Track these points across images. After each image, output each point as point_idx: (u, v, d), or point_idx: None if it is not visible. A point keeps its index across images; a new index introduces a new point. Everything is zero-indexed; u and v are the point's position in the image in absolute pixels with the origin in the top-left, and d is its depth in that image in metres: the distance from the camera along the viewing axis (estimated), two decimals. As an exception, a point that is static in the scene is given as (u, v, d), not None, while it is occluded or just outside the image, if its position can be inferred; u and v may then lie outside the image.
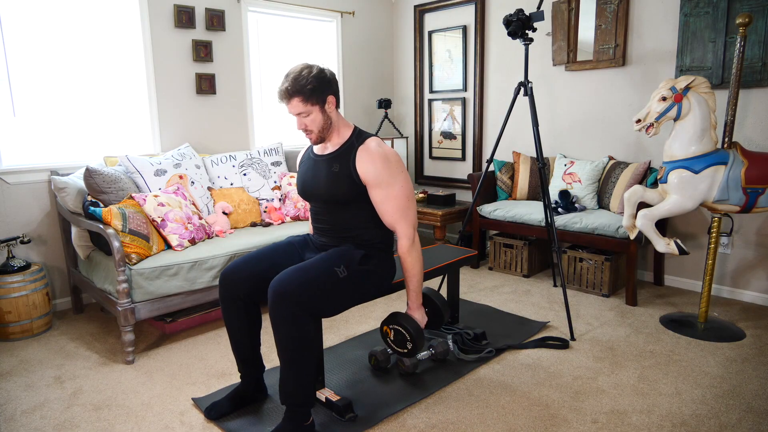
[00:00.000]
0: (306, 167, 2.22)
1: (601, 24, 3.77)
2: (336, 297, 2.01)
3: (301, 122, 2.04)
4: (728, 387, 2.36)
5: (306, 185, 2.19)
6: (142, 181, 3.19)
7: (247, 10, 4.13)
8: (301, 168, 2.26)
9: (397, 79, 5.29)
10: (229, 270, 2.12)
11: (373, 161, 2.02)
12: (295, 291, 1.87)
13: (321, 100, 2.02)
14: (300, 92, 1.97)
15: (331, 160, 2.10)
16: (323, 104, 2.03)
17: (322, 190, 2.11)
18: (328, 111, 2.05)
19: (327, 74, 2.04)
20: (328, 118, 2.06)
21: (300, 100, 1.99)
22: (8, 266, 2.99)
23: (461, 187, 4.88)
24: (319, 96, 2.00)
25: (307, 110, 2.01)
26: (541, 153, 3.07)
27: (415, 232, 2.12)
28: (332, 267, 2.00)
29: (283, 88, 1.99)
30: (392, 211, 2.06)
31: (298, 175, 2.27)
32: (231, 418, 2.17)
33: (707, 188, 2.76)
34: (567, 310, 2.92)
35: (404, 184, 2.07)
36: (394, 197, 2.05)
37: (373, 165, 2.02)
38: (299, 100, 1.99)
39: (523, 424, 2.11)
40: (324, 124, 2.05)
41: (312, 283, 1.91)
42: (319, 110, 2.03)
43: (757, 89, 3.21)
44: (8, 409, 2.28)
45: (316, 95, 1.99)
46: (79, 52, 3.39)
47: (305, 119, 2.03)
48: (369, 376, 2.51)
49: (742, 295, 3.42)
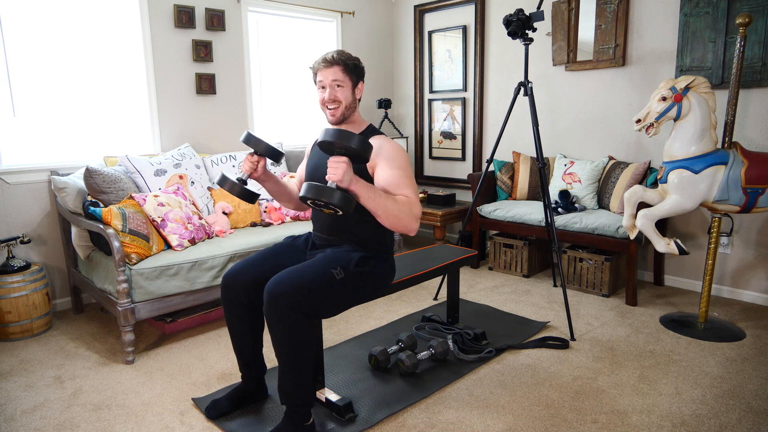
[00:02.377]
0: (317, 158, 2.23)
1: (601, 24, 3.77)
2: (331, 298, 2.00)
3: (332, 92, 2.09)
4: (728, 387, 2.36)
5: (315, 177, 2.18)
6: (142, 181, 3.19)
7: (247, 10, 4.13)
8: (311, 159, 2.28)
9: (397, 79, 5.29)
10: (230, 274, 2.12)
11: (383, 144, 2.08)
12: (290, 292, 1.87)
13: (355, 80, 2.13)
14: (343, 63, 2.08)
15: None
16: (356, 84, 2.13)
17: None
18: (356, 94, 2.15)
19: (363, 66, 2.18)
20: (355, 100, 2.15)
21: (341, 69, 2.08)
22: (8, 266, 2.99)
23: (461, 187, 4.88)
24: (356, 75, 2.12)
25: (343, 81, 2.09)
26: (541, 153, 3.07)
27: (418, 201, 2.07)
28: (328, 268, 1.99)
29: (329, 55, 2.08)
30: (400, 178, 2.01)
31: (307, 165, 2.28)
32: (231, 418, 2.17)
33: (707, 188, 2.76)
34: (567, 310, 2.92)
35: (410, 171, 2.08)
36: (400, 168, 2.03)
37: (385, 145, 2.07)
38: (340, 69, 2.08)
39: (523, 424, 2.11)
40: (351, 103, 2.13)
41: (307, 284, 1.91)
42: (351, 88, 2.12)
43: (757, 89, 3.21)
44: (8, 409, 2.28)
45: (354, 73, 2.11)
46: (79, 52, 3.39)
47: (338, 90, 2.09)
48: (369, 376, 2.51)
49: (742, 295, 3.42)
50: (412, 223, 1.95)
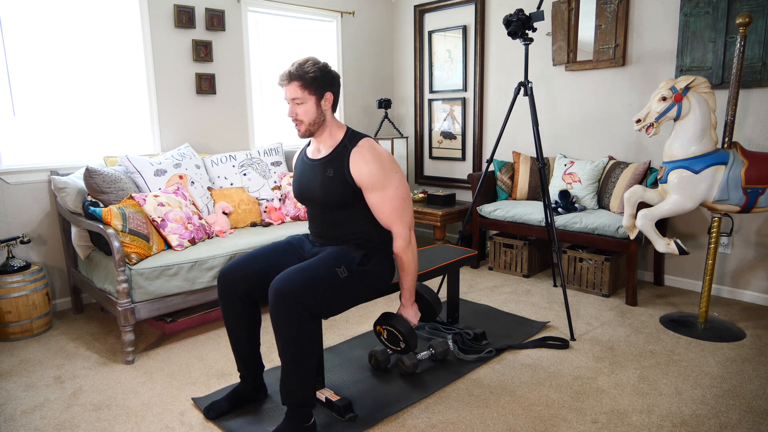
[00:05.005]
0: (300, 171, 2.22)
1: (601, 24, 3.77)
2: (336, 297, 2.01)
3: (293, 109, 2.05)
4: (728, 387, 2.36)
5: (302, 190, 2.19)
6: (142, 181, 3.19)
7: (247, 10, 4.13)
8: (296, 172, 2.25)
9: (397, 79, 5.29)
10: (227, 268, 2.12)
11: (367, 164, 2.01)
12: (297, 291, 1.87)
13: (319, 93, 2.03)
14: (301, 78, 1.99)
15: (325, 165, 2.09)
16: (320, 98, 2.04)
17: (318, 194, 2.11)
18: (323, 107, 2.06)
19: (332, 72, 2.06)
20: (321, 113, 2.06)
21: (298, 86, 2.00)
22: (8, 266, 2.99)
23: (461, 187, 4.88)
24: (317, 88, 2.02)
25: (303, 98, 2.01)
26: (541, 153, 3.07)
27: (411, 232, 2.13)
28: (333, 267, 2.00)
29: (286, 70, 2.02)
30: (388, 212, 2.06)
31: (294, 178, 2.27)
32: (231, 418, 2.17)
33: (707, 188, 2.76)
34: (567, 310, 2.92)
35: (399, 185, 2.06)
36: (390, 199, 2.05)
37: (367, 167, 2.01)
38: (298, 85, 2.00)
39: (523, 424, 2.11)
40: (316, 119, 2.05)
41: (313, 283, 1.92)
42: (314, 102, 2.03)
43: (757, 89, 3.21)
44: (8, 409, 2.28)
45: (315, 86, 2.01)
46: (79, 52, 3.39)
47: (298, 107, 2.03)
48: (369, 376, 2.51)
49: (742, 295, 3.42)
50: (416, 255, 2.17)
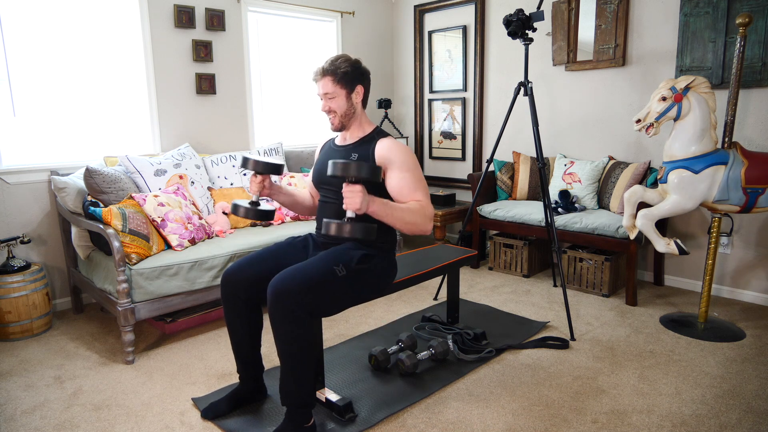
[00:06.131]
0: (324, 156, 2.28)
1: (601, 24, 3.77)
2: (335, 296, 2.01)
3: (325, 104, 2.14)
4: (728, 387, 2.36)
5: (321, 172, 2.22)
6: (142, 181, 3.19)
7: (247, 10, 4.13)
8: (320, 158, 2.32)
9: (397, 79, 5.29)
10: (230, 271, 2.13)
11: (392, 148, 2.11)
12: (294, 290, 1.87)
13: (349, 87, 2.13)
14: (333, 73, 2.09)
15: (351, 149, 2.18)
16: (351, 91, 2.14)
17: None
18: (354, 100, 2.15)
19: (362, 68, 2.17)
20: (352, 106, 2.15)
21: (330, 80, 2.10)
22: (8, 266, 2.99)
23: (461, 187, 4.88)
24: (348, 82, 2.12)
25: (334, 92, 2.11)
26: (541, 153, 3.07)
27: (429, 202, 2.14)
28: (331, 266, 2.00)
29: (320, 67, 2.12)
30: (413, 184, 2.09)
31: (315, 164, 2.32)
32: (231, 418, 2.17)
33: (707, 188, 2.76)
34: (567, 310, 2.92)
35: (419, 172, 2.14)
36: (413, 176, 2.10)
37: (393, 149, 2.10)
38: (330, 80, 2.10)
39: (523, 424, 2.11)
40: (347, 111, 2.15)
41: (311, 282, 1.92)
42: (345, 96, 2.13)
43: (757, 89, 3.21)
44: (8, 409, 2.28)
45: (346, 80, 2.11)
46: (79, 52, 3.39)
47: (330, 101, 2.12)
48: (369, 376, 2.51)
49: (742, 295, 3.42)
50: (426, 225, 2.06)
